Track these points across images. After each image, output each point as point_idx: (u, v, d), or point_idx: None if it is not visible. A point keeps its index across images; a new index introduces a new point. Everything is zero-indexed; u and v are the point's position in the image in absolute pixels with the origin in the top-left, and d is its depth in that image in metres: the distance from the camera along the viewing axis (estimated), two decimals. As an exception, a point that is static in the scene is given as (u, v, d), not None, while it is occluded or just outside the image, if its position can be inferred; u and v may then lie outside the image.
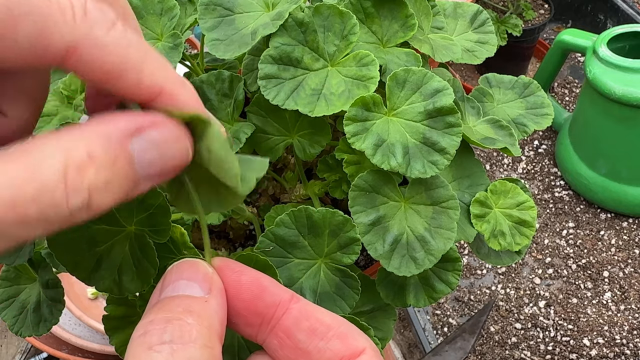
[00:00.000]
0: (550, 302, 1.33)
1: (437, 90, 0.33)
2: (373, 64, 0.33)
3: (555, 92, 1.76)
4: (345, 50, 0.34)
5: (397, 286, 0.37)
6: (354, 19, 0.34)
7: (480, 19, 0.45)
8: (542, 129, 0.62)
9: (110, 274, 0.29)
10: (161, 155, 0.21)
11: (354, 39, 0.34)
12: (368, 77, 0.33)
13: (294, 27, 0.34)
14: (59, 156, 0.19)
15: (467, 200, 0.38)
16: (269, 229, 0.33)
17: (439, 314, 1.31)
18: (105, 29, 0.20)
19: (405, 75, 0.33)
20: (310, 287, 0.33)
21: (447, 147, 0.32)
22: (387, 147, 0.32)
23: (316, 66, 0.34)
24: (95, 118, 0.20)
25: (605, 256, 1.39)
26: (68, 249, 0.29)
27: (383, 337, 0.38)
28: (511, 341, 1.27)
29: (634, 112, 1.25)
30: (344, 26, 0.34)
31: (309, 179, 0.45)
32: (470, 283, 1.37)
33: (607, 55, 1.26)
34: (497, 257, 0.41)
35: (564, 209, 1.49)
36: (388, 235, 0.33)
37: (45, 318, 0.35)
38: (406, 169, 0.32)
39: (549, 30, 1.93)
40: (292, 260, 0.33)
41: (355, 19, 0.34)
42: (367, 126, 0.33)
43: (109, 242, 0.29)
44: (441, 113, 0.33)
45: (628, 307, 1.31)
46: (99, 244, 0.29)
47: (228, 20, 0.37)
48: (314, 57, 0.35)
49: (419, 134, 0.33)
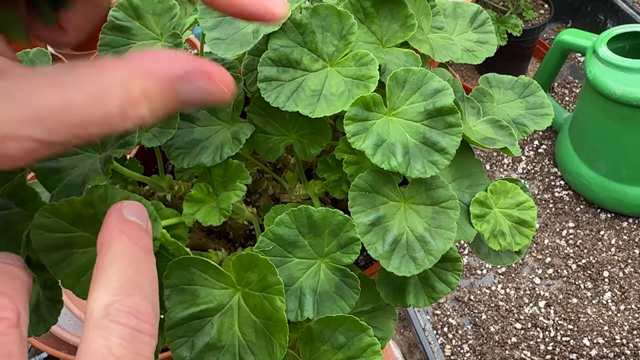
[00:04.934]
0: (550, 302, 1.33)
1: (437, 90, 0.33)
2: (372, 63, 0.33)
3: (555, 92, 1.76)
4: (344, 51, 0.34)
5: (397, 286, 0.37)
6: (352, 18, 0.34)
7: (480, 19, 0.45)
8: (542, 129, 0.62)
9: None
10: (203, 99, 0.25)
11: (353, 38, 0.34)
12: (368, 76, 0.33)
13: (292, 29, 0.34)
14: (119, 90, 0.23)
15: (467, 200, 0.38)
16: (269, 229, 0.33)
17: (439, 314, 1.31)
18: None
19: (405, 75, 0.33)
20: (310, 287, 0.33)
21: (447, 147, 0.32)
22: (388, 147, 0.32)
23: (315, 67, 0.34)
24: (154, 52, 0.25)
25: (605, 256, 1.39)
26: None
27: (383, 337, 0.38)
28: (511, 341, 1.27)
29: (634, 112, 1.25)
30: (342, 26, 0.34)
31: (309, 179, 0.45)
32: (470, 283, 1.37)
33: (607, 55, 1.26)
34: (497, 257, 0.41)
35: (564, 209, 1.49)
36: (388, 236, 0.33)
37: (45, 318, 0.35)
38: (406, 168, 0.32)
39: (549, 30, 1.93)
40: (292, 260, 0.33)
41: (353, 18, 0.34)
42: (367, 126, 0.33)
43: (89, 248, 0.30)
44: (441, 113, 0.33)
45: (628, 307, 1.31)
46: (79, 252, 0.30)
47: (228, 20, 0.37)
48: (313, 58, 0.34)
49: (419, 133, 0.33)
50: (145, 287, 0.24)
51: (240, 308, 0.30)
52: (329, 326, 0.32)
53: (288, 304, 0.31)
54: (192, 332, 0.30)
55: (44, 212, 0.29)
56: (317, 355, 0.32)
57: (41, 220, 0.29)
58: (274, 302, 0.29)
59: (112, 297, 0.23)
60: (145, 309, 0.23)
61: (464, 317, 1.31)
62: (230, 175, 0.33)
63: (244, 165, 0.33)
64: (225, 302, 0.31)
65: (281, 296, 0.29)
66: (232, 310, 0.31)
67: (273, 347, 0.29)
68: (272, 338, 0.29)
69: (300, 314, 0.32)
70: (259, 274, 0.30)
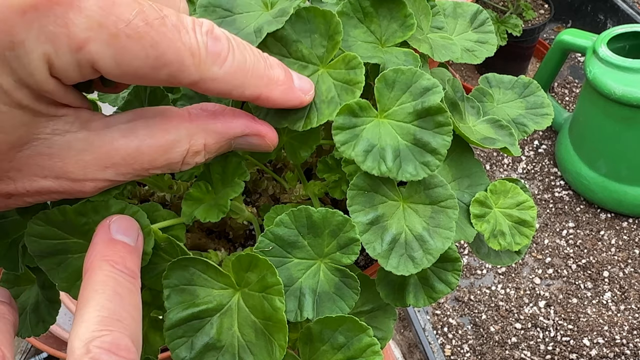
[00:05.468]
0: (550, 302, 1.33)
1: (427, 89, 0.32)
2: (359, 67, 0.32)
3: (555, 92, 1.76)
4: (332, 51, 0.33)
5: (396, 286, 0.37)
6: (336, 17, 0.33)
7: (480, 19, 0.44)
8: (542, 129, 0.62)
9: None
10: (251, 150, 0.31)
11: (339, 38, 0.33)
12: (355, 81, 0.32)
13: (274, 43, 0.34)
14: (185, 144, 0.27)
15: (467, 200, 0.38)
16: (269, 229, 0.33)
17: (439, 314, 1.31)
18: (219, 65, 0.26)
19: (394, 76, 0.33)
20: (310, 287, 0.33)
21: (439, 148, 0.32)
22: (378, 152, 0.32)
23: (305, 74, 0.34)
24: (216, 110, 0.29)
25: (605, 256, 1.39)
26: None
27: (383, 337, 0.38)
28: (511, 341, 1.27)
29: (634, 112, 1.25)
30: (328, 26, 0.33)
31: (309, 179, 0.45)
32: (470, 283, 1.37)
33: (607, 55, 1.26)
34: (497, 257, 0.41)
35: (564, 209, 1.49)
36: (386, 235, 0.33)
37: (44, 318, 0.35)
38: (397, 172, 0.32)
39: (549, 30, 1.93)
40: (291, 260, 0.33)
41: (337, 17, 0.33)
42: (356, 132, 0.32)
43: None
44: (430, 112, 0.32)
45: (628, 307, 1.31)
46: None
47: (229, 21, 0.37)
48: (301, 66, 0.34)
49: (410, 135, 0.32)
50: (127, 319, 0.24)
51: (240, 308, 0.30)
52: (329, 326, 0.32)
53: (287, 305, 0.31)
54: (192, 332, 0.30)
55: (36, 220, 0.29)
56: (317, 355, 0.32)
57: (34, 228, 0.29)
58: (273, 302, 0.29)
59: (92, 333, 0.23)
60: (125, 345, 0.23)
61: (464, 317, 1.31)
62: (228, 172, 0.33)
63: (242, 162, 0.33)
64: (225, 303, 0.31)
65: (281, 296, 0.29)
66: (231, 311, 0.30)
67: (272, 348, 0.29)
68: (271, 338, 0.29)
69: (299, 314, 0.32)
70: (258, 274, 0.30)
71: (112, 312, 0.24)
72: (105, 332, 0.23)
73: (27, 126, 0.24)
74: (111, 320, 0.24)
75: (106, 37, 0.23)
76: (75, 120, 0.25)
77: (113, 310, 0.24)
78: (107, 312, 0.24)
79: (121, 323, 0.24)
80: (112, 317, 0.24)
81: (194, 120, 0.28)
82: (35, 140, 0.24)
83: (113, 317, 0.24)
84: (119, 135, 0.26)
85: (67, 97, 0.25)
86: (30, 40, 0.22)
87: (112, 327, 0.23)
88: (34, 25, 0.22)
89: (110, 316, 0.24)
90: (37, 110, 0.24)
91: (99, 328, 0.23)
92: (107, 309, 0.24)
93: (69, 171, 0.25)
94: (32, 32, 0.22)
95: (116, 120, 0.27)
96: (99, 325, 0.23)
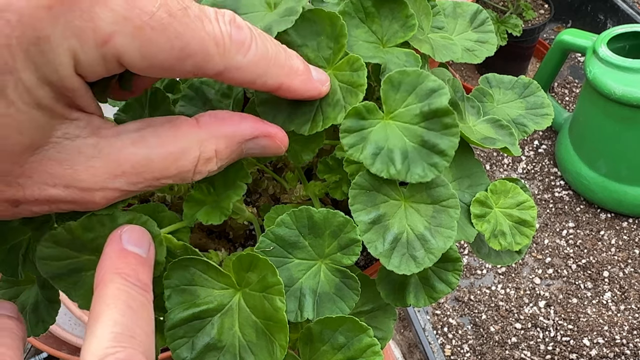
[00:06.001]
0: (550, 302, 1.33)
1: (433, 90, 0.32)
2: (362, 69, 0.32)
3: (555, 92, 1.76)
4: (339, 53, 0.33)
5: (397, 286, 0.37)
6: (340, 20, 0.33)
7: (480, 19, 0.44)
8: (542, 129, 0.62)
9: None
10: (263, 153, 0.31)
11: (344, 40, 0.33)
12: (358, 84, 0.32)
13: None
14: (195, 151, 0.27)
15: (468, 200, 0.38)
16: (270, 229, 0.33)
17: (439, 314, 1.31)
18: (243, 54, 0.26)
19: (400, 77, 0.33)
20: (310, 288, 0.32)
21: (446, 149, 0.32)
22: (386, 154, 0.32)
23: None
24: (227, 116, 0.29)
25: (605, 256, 1.39)
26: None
27: (383, 337, 0.38)
28: (511, 341, 1.27)
29: (634, 112, 1.25)
30: (334, 28, 0.33)
31: (309, 180, 0.45)
32: (470, 283, 1.37)
33: (607, 55, 1.26)
34: (497, 257, 0.41)
35: (564, 209, 1.49)
36: (388, 234, 0.33)
37: (43, 318, 0.35)
38: (406, 174, 0.32)
39: (549, 30, 1.93)
40: (292, 261, 0.33)
41: (342, 20, 0.33)
42: (364, 135, 0.32)
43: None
44: (437, 114, 0.32)
45: (628, 307, 1.31)
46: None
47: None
48: None
49: (417, 136, 0.32)
50: (140, 335, 0.24)
51: (241, 308, 0.30)
52: (329, 327, 0.32)
53: (288, 305, 0.31)
54: (193, 333, 0.30)
55: (44, 243, 0.29)
56: (317, 355, 0.32)
57: (44, 251, 0.29)
58: (274, 302, 0.29)
59: (105, 350, 0.23)
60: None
61: (464, 317, 1.31)
62: (230, 174, 0.33)
63: (244, 164, 0.33)
64: (226, 303, 0.31)
65: (281, 296, 0.29)
66: (232, 311, 0.30)
67: (273, 348, 0.29)
68: (272, 338, 0.29)
69: (300, 314, 0.32)
70: (259, 275, 0.30)
71: (125, 328, 0.24)
72: (119, 349, 0.23)
73: (42, 128, 0.23)
74: (124, 337, 0.23)
75: (131, 30, 0.23)
76: (86, 126, 0.25)
77: (126, 326, 0.24)
78: (120, 328, 0.23)
79: (134, 339, 0.23)
80: (126, 333, 0.23)
81: (203, 127, 0.28)
82: (46, 144, 0.24)
83: (126, 333, 0.23)
84: (129, 142, 0.26)
85: (86, 98, 0.25)
86: (56, 35, 0.21)
87: (126, 344, 0.23)
88: (60, 20, 0.21)
89: (123, 332, 0.23)
90: (54, 110, 0.23)
91: (112, 344, 0.23)
92: (120, 325, 0.24)
93: (78, 179, 0.25)
94: (58, 27, 0.21)
95: (126, 128, 0.27)
96: (112, 341, 0.23)
